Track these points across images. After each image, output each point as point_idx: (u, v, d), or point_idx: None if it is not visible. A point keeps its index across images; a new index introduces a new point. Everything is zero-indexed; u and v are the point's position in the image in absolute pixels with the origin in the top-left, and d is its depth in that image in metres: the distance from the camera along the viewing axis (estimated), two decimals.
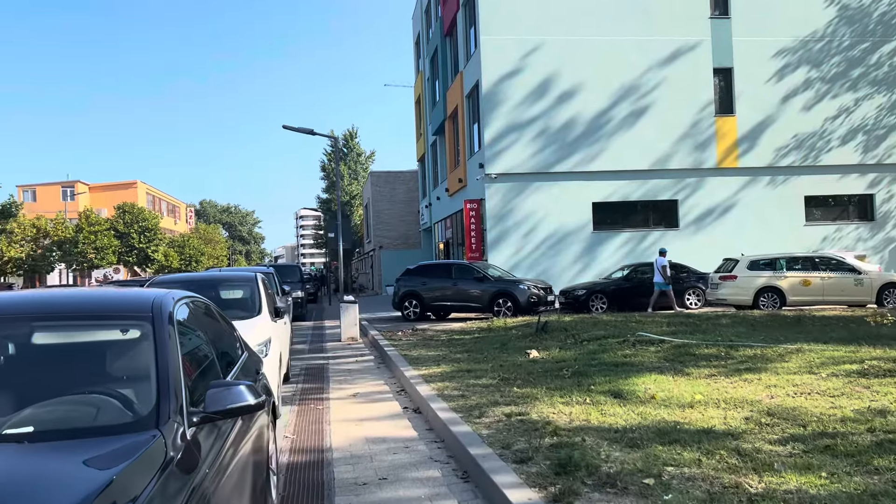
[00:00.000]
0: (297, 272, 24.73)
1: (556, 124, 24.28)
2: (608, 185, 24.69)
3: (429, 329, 16.30)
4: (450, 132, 30.47)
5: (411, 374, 9.34)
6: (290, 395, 9.23)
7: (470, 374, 9.23)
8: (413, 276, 19.89)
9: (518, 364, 9.81)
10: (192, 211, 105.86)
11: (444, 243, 33.05)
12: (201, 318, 3.76)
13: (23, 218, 39.62)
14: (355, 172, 60.15)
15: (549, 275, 23.57)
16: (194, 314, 3.66)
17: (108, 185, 74.49)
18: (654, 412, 6.52)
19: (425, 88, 37.35)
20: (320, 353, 13.70)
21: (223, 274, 9.35)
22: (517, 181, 24.12)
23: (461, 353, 11.52)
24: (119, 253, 52.66)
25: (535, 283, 19.37)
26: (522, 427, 6.11)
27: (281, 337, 8.42)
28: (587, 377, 8.47)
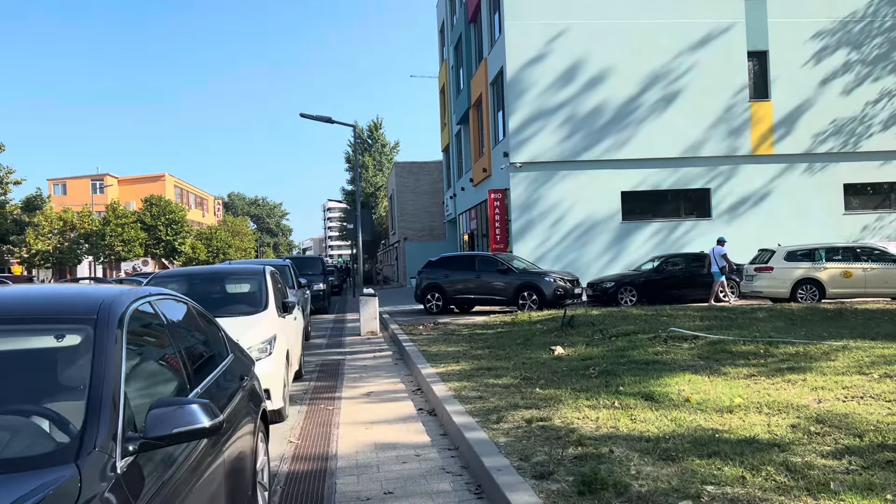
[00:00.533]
0: (319, 264, 24.36)
1: (583, 111, 23.52)
2: (638, 174, 23.89)
3: (451, 323, 15.80)
4: (474, 121, 29.85)
5: (428, 372, 8.84)
6: (300, 394, 8.80)
7: (490, 372, 8.71)
8: (435, 268, 19.38)
9: (541, 362, 9.26)
10: (220, 203, 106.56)
11: (468, 235, 32.49)
12: (170, 320, 3.27)
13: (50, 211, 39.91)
14: (380, 163, 59.75)
15: (576, 267, 22.90)
16: (161, 315, 3.18)
17: (137, 178, 75.16)
18: (689, 418, 5.94)
19: (449, 77, 36.74)
20: (338, 349, 13.28)
21: (229, 268, 8.94)
22: (543, 170, 23.44)
23: (482, 349, 10.99)
24: (146, 245, 52.98)
25: (561, 275, 18.75)
26: (544, 435, 5.57)
27: (289, 333, 7.98)
28: (615, 377, 7.89)
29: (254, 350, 6.75)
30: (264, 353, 6.81)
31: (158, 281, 8.16)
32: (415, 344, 11.95)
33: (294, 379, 9.56)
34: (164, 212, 56.22)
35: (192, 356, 3.30)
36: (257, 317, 7.29)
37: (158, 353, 3.03)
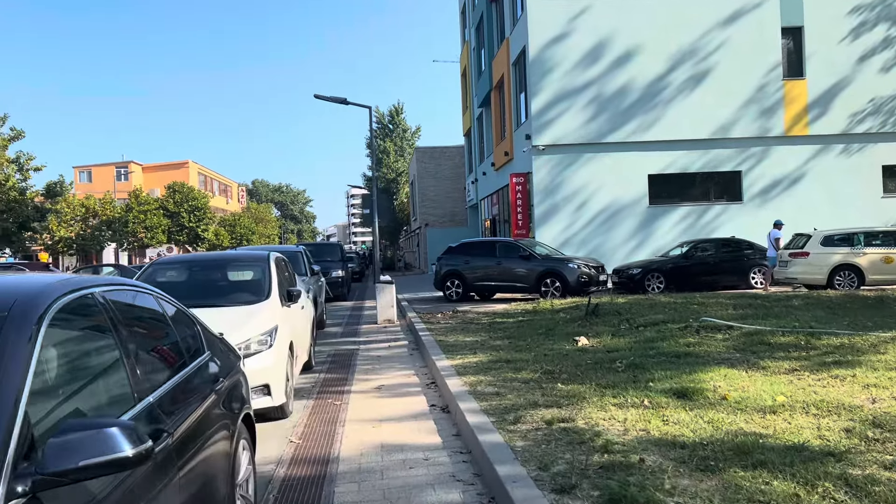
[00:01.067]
0: (337, 251, 23.92)
1: (609, 91, 22.71)
2: (665, 156, 23.07)
3: (470, 311, 15.27)
4: (496, 103, 29.13)
5: (443, 365, 8.32)
6: (308, 387, 8.34)
7: (509, 365, 8.16)
8: (455, 254, 18.84)
9: (564, 354, 8.69)
10: (244, 190, 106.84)
11: (490, 220, 31.87)
12: (121, 316, 2.75)
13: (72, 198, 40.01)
14: (401, 149, 59.13)
15: (601, 252, 22.21)
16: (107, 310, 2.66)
17: (161, 165, 75.40)
18: (728, 419, 5.35)
19: (471, 59, 35.99)
20: (352, 338, 12.82)
21: (232, 254, 8.48)
22: (567, 153, 22.71)
23: (502, 339, 10.44)
24: (169, 232, 53.05)
25: (585, 261, 18.09)
26: (566, 438, 5.02)
27: (295, 324, 7.49)
28: (644, 371, 7.30)
29: (253, 342, 6.27)
30: (264, 345, 6.33)
31: (157, 268, 7.72)
32: (431, 333, 11.43)
33: (303, 370, 9.12)
34: (187, 198, 56.19)
35: (145, 359, 2.79)
36: (258, 306, 6.81)
37: (97, 356, 2.52)
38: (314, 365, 9.59)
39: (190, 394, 3.04)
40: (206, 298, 7.00)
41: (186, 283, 7.50)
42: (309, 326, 8.95)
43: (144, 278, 7.40)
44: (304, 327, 8.45)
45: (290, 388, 6.94)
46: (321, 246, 24.82)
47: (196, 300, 6.93)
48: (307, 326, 8.73)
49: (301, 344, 8.10)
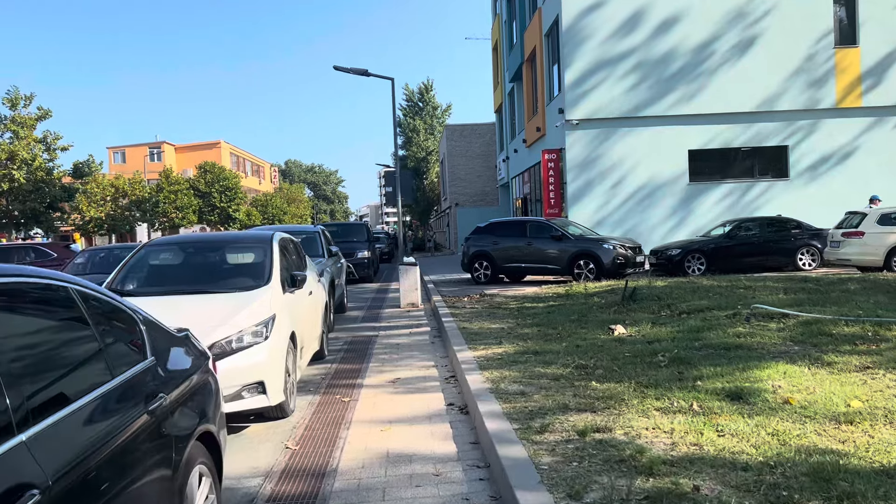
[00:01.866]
0: (363, 231, 23.27)
1: (647, 61, 21.49)
2: (707, 130, 21.81)
3: (498, 294, 14.46)
4: (527, 77, 28.04)
5: (465, 357, 7.55)
6: (318, 379, 7.65)
7: (537, 357, 7.35)
8: (483, 234, 17.99)
9: (599, 345, 7.85)
10: (277, 171, 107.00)
11: (521, 200, 30.91)
12: None
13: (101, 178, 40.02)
14: (431, 127, 58.04)
15: (638, 232, 21.16)
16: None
17: (193, 145, 75.60)
18: (796, 431, 4.49)
19: (502, 32, 34.82)
20: (373, 323, 12.12)
21: (232, 235, 7.77)
22: (602, 127, 21.61)
23: (530, 327, 9.62)
24: (200, 212, 53.07)
25: (621, 241, 17.10)
26: (602, 454, 4.21)
27: (299, 312, 6.78)
28: (691, 366, 6.45)
29: (246, 334, 5.57)
30: (259, 337, 5.62)
31: (150, 250, 7.06)
32: (455, 319, 10.67)
33: (314, 360, 8.44)
34: (219, 178, 56.16)
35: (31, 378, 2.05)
36: (254, 293, 6.09)
37: None
38: (327, 354, 8.91)
39: (101, 421, 2.30)
40: (199, 284, 6.33)
41: (179, 267, 6.84)
42: (319, 313, 8.25)
43: (134, 262, 6.75)
44: (313, 315, 7.75)
45: (292, 384, 6.24)
46: (347, 226, 24.17)
47: (187, 286, 6.28)
48: (317, 314, 8.02)
49: (309, 333, 7.40)
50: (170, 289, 6.23)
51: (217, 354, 5.36)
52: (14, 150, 29.63)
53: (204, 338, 5.37)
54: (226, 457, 5.08)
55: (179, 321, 5.58)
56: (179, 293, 6.11)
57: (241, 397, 5.44)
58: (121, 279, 6.47)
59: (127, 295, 6.20)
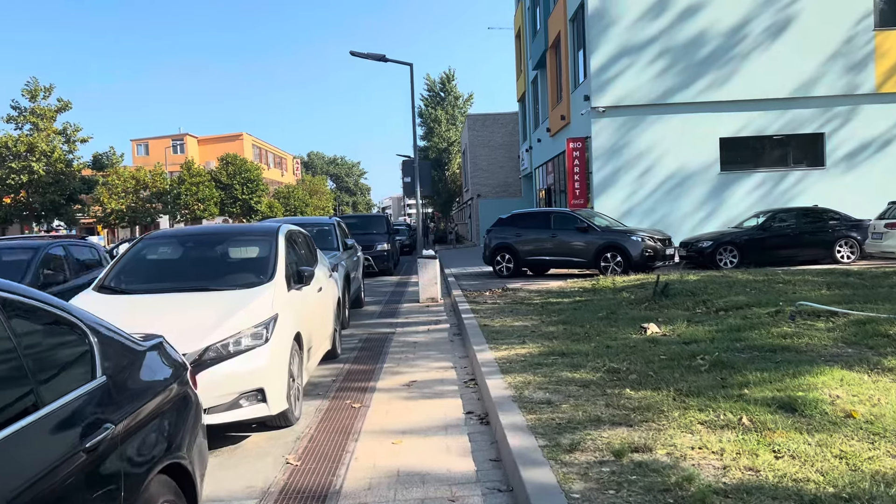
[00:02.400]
0: (383, 223, 22.77)
1: (677, 45, 20.64)
2: (739, 117, 20.94)
3: (521, 288, 13.88)
4: (551, 64, 27.28)
5: (486, 358, 7.01)
6: (328, 381, 7.15)
7: (564, 359, 6.79)
8: (506, 226, 17.39)
9: (631, 345, 7.25)
10: (299, 163, 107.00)
11: (544, 190, 30.20)
12: None
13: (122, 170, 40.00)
14: (453, 117, 57.22)
15: (667, 224, 20.40)
16: None
17: (215, 137, 75.61)
18: (866, 452, 3.89)
19: (525, 18, 34.04)
20: (390, 318, 11.62)
21: (235, 228, 7.27)
22: (629, 114, 20.84)
23: (556, 324, 9.04)
24: (222, 204, 52.99)
25: (650, 233, 16.41)
26: (642, 481, 3.65)
27: (306, 310, 6.28)
28: (735, 371, 5.85)
29: (245, 336, 5.07)
30: (258, 339, 5.12)
31: (148, 243, 6.59)
32: (476, 316, 10.12)
33: (326, 360, 7.96)
34: (240, 170, 56.02)
35: None
36: (255, 291, 5.60)
37: None
38: (340, 353, 8.41)
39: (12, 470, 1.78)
40: (196, 281, 5.84)
41: (176, 263, 6.38)
42: (330, 311, 7.74)
43: (129, 257, 6.29)
44: (323, 313, 7.24)
45: (297, 390, 5.74)
46: (366, 218, 23.69)
47: (183, 283, 5.80)
48: (327, 311, 7.52)
49: (318, 333, 6.90)
50: (164, 286, 5.76)
51: (212, 359, 4.87)
52: (33, 142, 29.60)
53: (197, 341, 4.89)
54: (219, 472, 4.60)
55: (170, 322, 5.11)
56: (174, 291, 5.64)
57: (239, 406, 4.95)
58: (113, 276, 6.01)
59: (116, 293, 5.74)
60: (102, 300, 5.53)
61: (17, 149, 29.63)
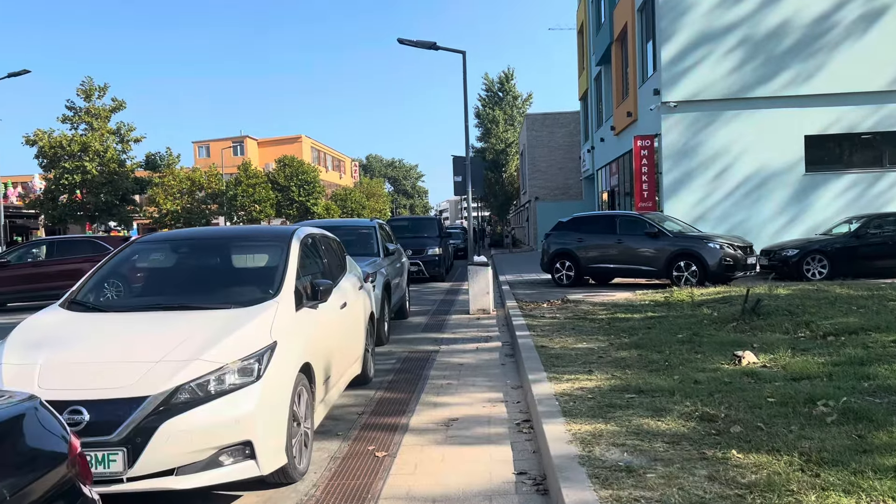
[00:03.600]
0: (434, 226, 21.63)
1: (759, 34, 18.81)
2: (827, 113, 18.97)
3: (583, 300, 12.47)
4: (617, 58, 25.66)
5: (543, 392, 5.71)
6: (352, 416, 5.97)
7: (642, 398, 5.43)
8: (566, 230, 15.99)
9: (725, 381, 5.83)
10: (357, 165, 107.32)
11: (608, 193, 28.56)
12: None
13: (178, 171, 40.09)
14: (511, 117, 55.72)
15: (745, 229, 18.60)
16: None
17: (275, 139, 76.09)
18: None
19: (589, 12, 32.44)
20: (435, 333, 10.39)
21: (243, 231, 6.09)
22: (704, 110, 19.11)
23: (627, 347, 7.65)
24: (279, 205, 52.93)
25: (728, 240, 14.76)
26: None
27: (320, 333, 5.10)
28: (875, 426, 4.41)
29: (229, 372, 3.91)
30: (248, 375, 3.96)
31: (140, 247, 5.53)
32: (532, 334, 8.80)
33: (355, 385, 6.79)
34: (297, 172, 55.93)
35: None
36: (252, 311, 4.45)
37: None
38: (372, 376, 7.23)
39: None
40: (184, 295, 4.75)
41: (166, 272, 5.31)
42: (359, 330, 6.57)
43: (113, 264, 5.24)
44: (348, 333, 6.06)
45: (304, 435, 4.56)
46: (416, 220, 22.61)
47: (168, 298, 4.72)
48: (354, 331, 6.34)
49: (341, 357, 5.72)
50: (144, 302, 4.69)
51: (184, 402, 3.73)
52: (87, 142, 29.63)
53: (165, 377, 3.76)
54: None
55: (136, 350, 3.97)
56: (154, 308, 4.55)
57: (219, 464, 3.79)
58: (88, 288, 4.96)
59: (86, 309, 4.68)
60: (63, 319, 4.50)
61: (71, 148, 29.73)
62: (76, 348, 4.09)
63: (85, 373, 3.83)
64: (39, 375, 3.80)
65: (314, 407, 4.85)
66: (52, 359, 3.95)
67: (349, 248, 9.26)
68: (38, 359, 3.93)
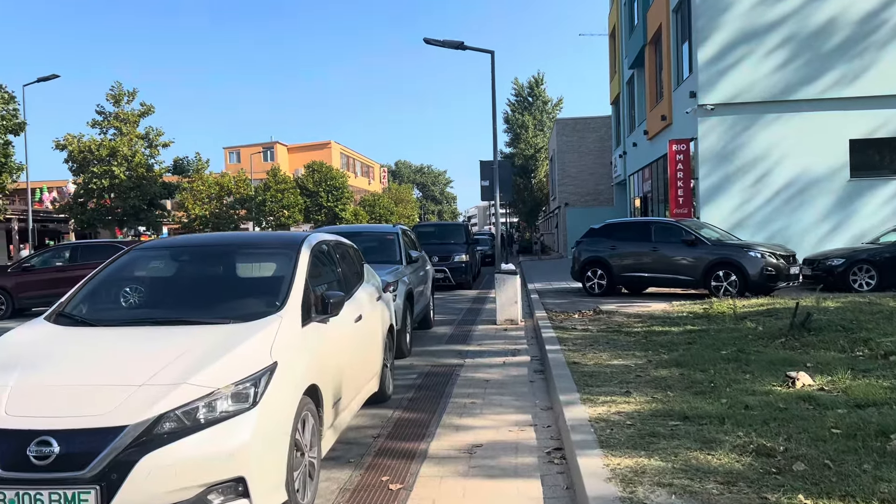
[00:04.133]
0: (461, 232, 21.14)
1: (800, 34, 18.01)
2: (874, 116, 18.07)
3: (617, 311, 11.86)
4: (650, 61, 24.94)
5: (576, 416, 5.18)
6: (368, 438, 5.49)
7: (688, 426, 4.86)
8: (598, 237, 15.38)
9: (779, 406, 5.24)
10: (386, 171, 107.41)
11: (640, 199, 27.80)
12: None
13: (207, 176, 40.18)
14: (541, 122, 55.00)
15: (786, 237, 17.78)
16: None
17: (304, 145, 76.32)
18: None
19: (621, 15, 31.74)
20: (460, 345, 9.88)
21: (248, 238, 5.59)
22: (743, 113, 18.33)
23: (668, 365, 7.06)
24: (307, 211, 52.87)
25: (770, 248, 14.02)
26: None
27: (328, 351, 4.62)
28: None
29: (221, 398, 3.46)
30: (242, 401, 3.50)
31: (139, 254, 5.12)
32: (563, 347, 8.25)
33: (373, 403, 6.31)
34: (326, 178, 55.86)
35: None
36: (251, 326, 4.00)
37: None
38: (391, 394, 6.75)
39: None
40: (180, 308, 4.32)
41: (162, 283, 4.88)
42: (377, 343, 6.10)
43: (107, 274, 4.83)
44: (364, 348, 5.60)
45: (310, 465, 4.09)
46: (443, 227, 22.14)
47: (162, 311, 4.29)
48: (371, 345, 5.87)
49: (355, 375, 5.25)
50: (134, 315, 4.29)
51: (169, 432, 3.28)
52: (115, 147, 29.72)
53: (148, 404, 3.32)
54: None
55: (117, 371, 3.57)
56: (144, 322, 4.13)
57: (208, 503, 3.33)
58: (80, 298, 4.55)
59: (74, 323, 4.28)
60: (45, 335, 4.09)
61: (100, 153, 29.85)
62: (54, 369, 3.68)
63: (59, 397, 3.40)
64: (8, 400, 3.38)
65: (321, 433, 4.38)
66: (25, 381, 3.53)
67: (371, 256, 8.81)
68: (9, 380, 3.52)
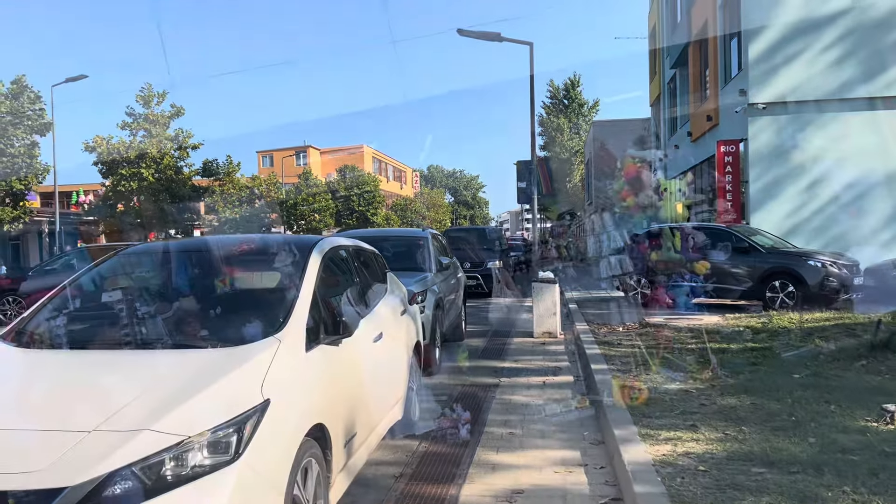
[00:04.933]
0: (495, 237, 20.28)
1: (861, 26, 16.78)
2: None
3: (665, 324, 10.90)
4: (694, 59, 23.82)
5: (636, 458, 4.33)
6: (388, 478, 4.70)
7: (777, 475, 3.98)
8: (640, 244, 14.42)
9: (884, 450, 4.33)
10: (418, 176, 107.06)
11: (682, 203, 26.58)
12: None
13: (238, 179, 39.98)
14: (576, 125, 53.76)
15: (842, 245, 16.52)
16: None
17: (337, 149, 76.16)
18: None
19: (662, 14, 30.62)
20: (494, 361, 9.04)
21: (251, 242, 4.75)
22: (797, 112, 17.16)
23: (735, 392, 6.14)
24: (338, 215, 52.55)
25: (831, 257, 12.94)
26: None
27: (338, 381, 3.85)
28: None
29: (194, 448, 2.69)
30: (221, 453, 2.74)
31: (123, 260, 4.41)
32: (610, 367, 7.37)
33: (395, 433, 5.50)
34: (358, 182, 55.53)
35: None
36: (241, 352, 3.24)
37: None
38: (419, 420, 5.95)
39: None
40: (158, 328, 3.59)
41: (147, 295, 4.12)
42: (401, 365, 5.32)
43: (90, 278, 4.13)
44: (383, 374, 4.81)
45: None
46: (474, 231, 21.33)
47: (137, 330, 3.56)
48: (393, 368, 5.10)
49: (373, 407, 4.47)
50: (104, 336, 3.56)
51: (122, 495, 2.52)
52: (144, 149, 29.53)
53: (95, 459, 2.57)
54: None
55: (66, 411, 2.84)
56: (112, 346, 3.41)
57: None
58: (46, 313, 3.85)
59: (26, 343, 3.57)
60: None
61: (129, 155, 29.68)
62: None
63: None
64: None
65: (331, 480, 3.60)
66: None
67: (398, 262, 8.07)
68: None
